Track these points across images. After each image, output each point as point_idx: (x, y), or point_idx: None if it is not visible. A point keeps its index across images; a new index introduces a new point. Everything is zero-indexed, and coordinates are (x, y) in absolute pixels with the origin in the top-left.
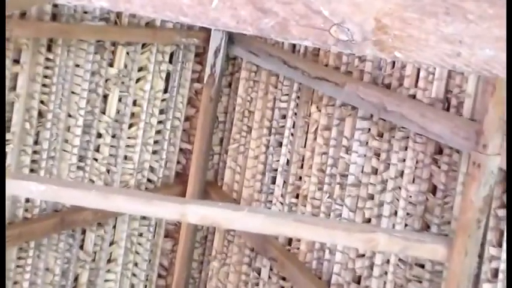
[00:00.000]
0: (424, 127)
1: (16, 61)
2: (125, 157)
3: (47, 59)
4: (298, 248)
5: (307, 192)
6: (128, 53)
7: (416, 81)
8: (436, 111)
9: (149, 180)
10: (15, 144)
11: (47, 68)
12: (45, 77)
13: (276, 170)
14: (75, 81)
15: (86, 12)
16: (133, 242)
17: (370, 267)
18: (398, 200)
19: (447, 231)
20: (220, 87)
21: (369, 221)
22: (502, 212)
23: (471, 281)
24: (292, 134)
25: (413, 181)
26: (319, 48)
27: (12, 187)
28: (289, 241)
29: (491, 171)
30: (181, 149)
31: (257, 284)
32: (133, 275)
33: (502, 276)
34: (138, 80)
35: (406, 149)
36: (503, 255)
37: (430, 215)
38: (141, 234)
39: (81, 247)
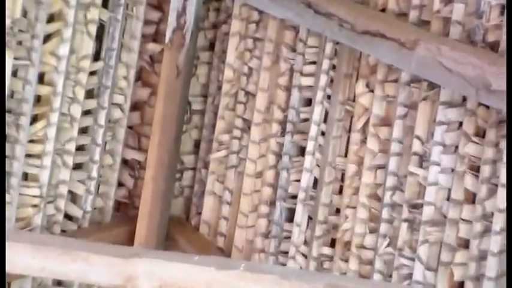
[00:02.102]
0: None
1: None
2: (25, 176)
3: None
4: None
5: (350, 236)
6: None
7: None
8: None
9: (68, 217)
10: None
11: None
12: None
13: (295, 197)
14: None
15: None
16: None
17: None
18: None
19: None
20: (195, 50)
21: (461, 286)
22: None
23: None
24: (323, 134)
25: None
26: None
27: None
28: None
29: None
30: (125, 162)
31: None
32: None
33: None
34: (47, 38)
35: None
36: None
37: None
38: None
39: None
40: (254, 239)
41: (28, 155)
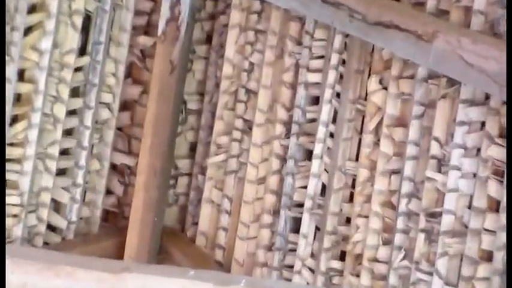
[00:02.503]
0: None
1: None
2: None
3: None
4: None
5: (361, 248)
6: None
7: None
8: None
9: (52, 228)
10: None
11: None
12: None
13: (301, 205)
14: None
15: None
16: None
17: None
18: None
19: None
20: (191, 43)
21: None
22: None
23: None
24: (331, 135)
25: None
26: None
27: None
28: None
29: None
30: (114, 167)
31: None
32: None
33: None
34: (28, 31)
35: None
36: None
37: None
38: None
39: None
40: (256, 251)
41: (7, 160)
